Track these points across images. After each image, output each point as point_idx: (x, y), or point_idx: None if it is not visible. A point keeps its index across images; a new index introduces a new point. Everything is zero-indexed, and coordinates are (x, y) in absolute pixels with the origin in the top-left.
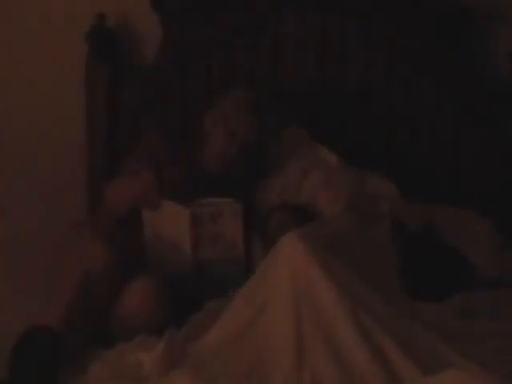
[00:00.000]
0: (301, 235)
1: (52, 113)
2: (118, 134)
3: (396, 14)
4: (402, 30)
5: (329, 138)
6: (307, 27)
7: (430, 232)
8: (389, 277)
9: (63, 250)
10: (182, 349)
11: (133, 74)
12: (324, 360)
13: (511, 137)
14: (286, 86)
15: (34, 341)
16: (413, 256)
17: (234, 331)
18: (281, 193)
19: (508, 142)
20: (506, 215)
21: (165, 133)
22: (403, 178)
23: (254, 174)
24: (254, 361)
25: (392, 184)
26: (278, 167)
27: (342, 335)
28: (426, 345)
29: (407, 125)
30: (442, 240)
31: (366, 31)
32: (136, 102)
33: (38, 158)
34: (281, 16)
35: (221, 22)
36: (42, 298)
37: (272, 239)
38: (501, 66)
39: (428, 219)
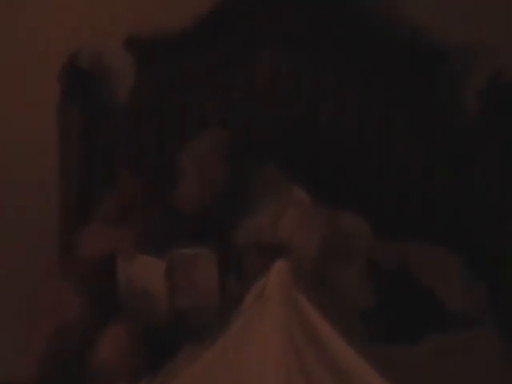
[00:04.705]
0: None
1: (25, 152)
2: (92, 174)
3: (369, 52)
4: (375, 69)
5: (302, 175)
6: (280, 65)
7: (403, 271)
8: (353, 320)
9: (37, 297)
10: None
11: (106, 113)
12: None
13: (483, 175)
14: (260, 123)
15: None
16: (387, 295)
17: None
18: (256, 232)
19: (479, 181)
20: (477, 252)
21: (139, 173)
22: (376, 215)
23: (228, 214)
24: None
25: (365, 222)
26: (252, 206)
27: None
28: None
29: (379, 162)
30: (415, 279)
31: (338, 69)
32: (110, 142)
33: (10, 197)
34: (254, 54)
35: (195, 61)
36: (16, 346)
37: (247, 279)
38: (470, 104)
39: (402, 257)
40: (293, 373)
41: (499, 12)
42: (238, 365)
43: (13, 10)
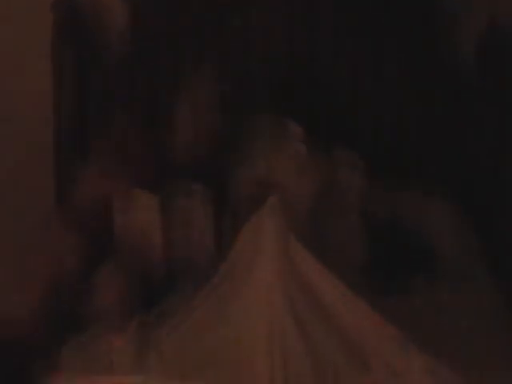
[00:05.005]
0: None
1: (17, 87)
2: (87, 117)
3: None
4: (372, 16)
5: (298, 114)
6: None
7: (396, 219)
8: (346, 266)
9: (35, 239)
10: (153, 331)
11: (100, 50)
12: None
13: (480, 120)
14: (256, 68)
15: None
16: (380, 244)
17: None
18: (251, 172)
19: (476, 126)
20: (470, 198)
21: (135, 117)
22: (371, 161)
23: (224, 157)
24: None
25: (359, 165)
26: (248, 146)
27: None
28: None
29: (377, 108)
30: (408, 226)
31: (337, 16)
32: (104, 82)
33: (4, 140)
34: None
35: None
36: (16, 284)
37: (242, 215)
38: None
39: (396, 205)
40: (284, 314)
41: None
42: (231, 306)
43: None
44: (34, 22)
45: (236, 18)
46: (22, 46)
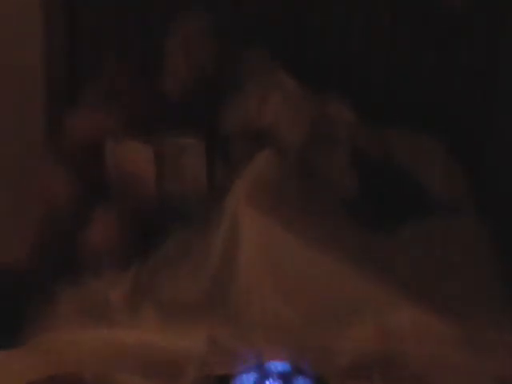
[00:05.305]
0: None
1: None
2: (78, 56)
3: None
4: None
5: (289, 60)
6: None
7: (388, 158)
8: (338, 209)
9: (25, 182)
10: (150, 282)
11: None
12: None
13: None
14: (248, 5)
15: None
16: (371, 184)
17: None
18: (242, 117)
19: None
20: (459, 136)
21: (126, 57)
22: (362, 102)
23: (215, 98)
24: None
25: (351, 109)
26: (238, 90)
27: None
28: None
29: (366, 48)
30: (400, 166)
31: None
32: (96, 23)
33: None
34: None
35: None
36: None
37: (234, 165)
38: None
39: (387, 144)
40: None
41: None
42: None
43: None
44: None
45: None
46: None
